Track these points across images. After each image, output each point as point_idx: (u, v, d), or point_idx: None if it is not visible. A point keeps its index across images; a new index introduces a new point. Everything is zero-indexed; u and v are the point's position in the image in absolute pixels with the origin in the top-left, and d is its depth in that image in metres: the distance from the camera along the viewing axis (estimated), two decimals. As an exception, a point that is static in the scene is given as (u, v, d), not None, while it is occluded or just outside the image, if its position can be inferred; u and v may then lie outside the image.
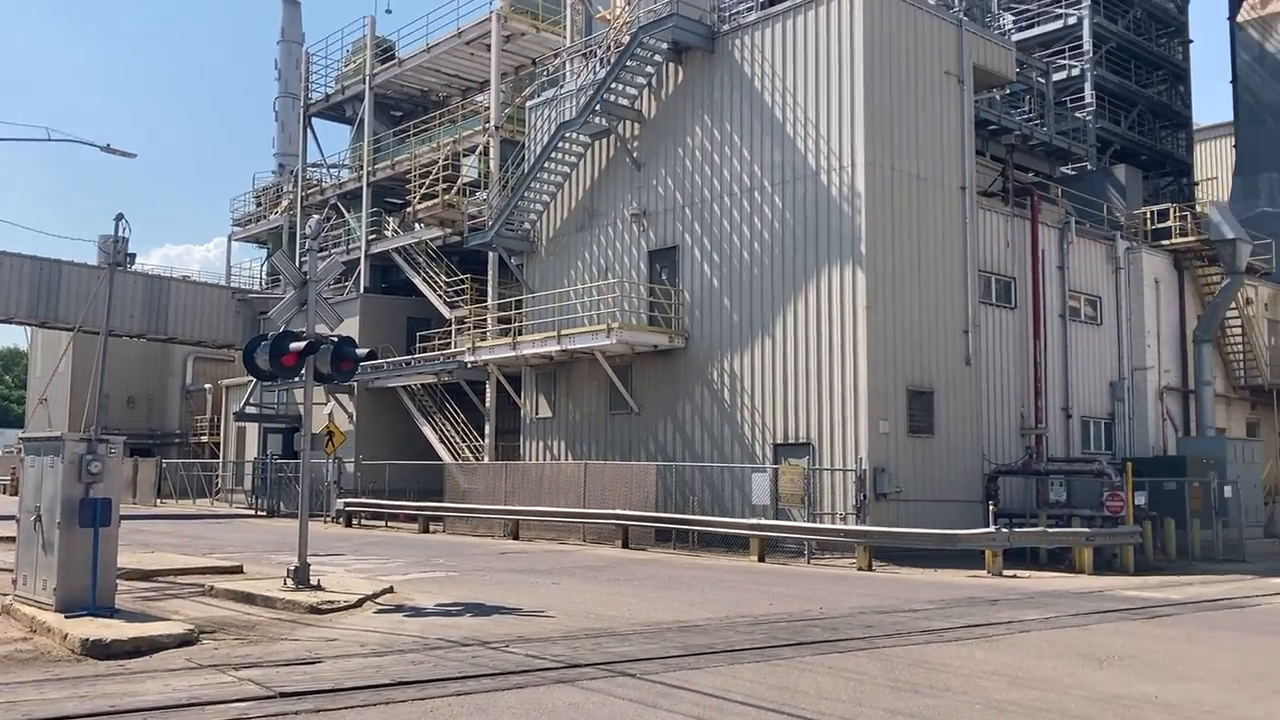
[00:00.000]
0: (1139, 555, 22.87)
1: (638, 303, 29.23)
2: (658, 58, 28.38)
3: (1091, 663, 10.60)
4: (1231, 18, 42.97)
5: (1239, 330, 34.05)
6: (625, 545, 25.53)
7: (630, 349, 28.16)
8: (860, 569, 21.07)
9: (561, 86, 33.34)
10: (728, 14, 28.11)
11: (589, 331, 28.09)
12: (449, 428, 36.27)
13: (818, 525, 22.76)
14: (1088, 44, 39.47)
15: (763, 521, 23.05)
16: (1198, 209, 35.11)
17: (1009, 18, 41.53)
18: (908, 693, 9.00)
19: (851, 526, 22.19)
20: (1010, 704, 8.64)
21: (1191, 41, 46.00)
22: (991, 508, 22.09)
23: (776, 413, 25.58)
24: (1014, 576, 19.98)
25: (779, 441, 25.39)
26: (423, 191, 37.52)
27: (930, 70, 26.06)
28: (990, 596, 16.40)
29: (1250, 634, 12.98)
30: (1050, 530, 22.04)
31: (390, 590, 15.26)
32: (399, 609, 13.79)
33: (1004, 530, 20.58)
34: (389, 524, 33.97)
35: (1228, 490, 26.53)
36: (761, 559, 22.64)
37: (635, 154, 29.64)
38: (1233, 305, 33.03)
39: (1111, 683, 9.61)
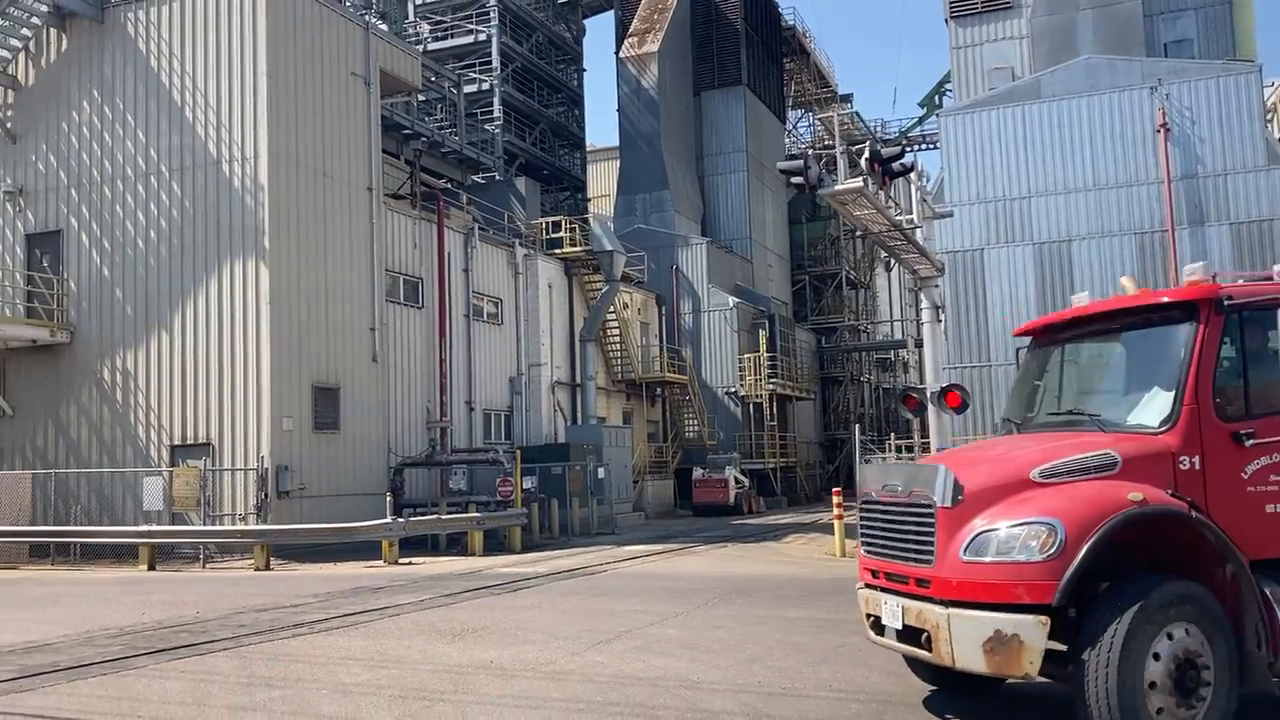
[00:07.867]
0: (526, 535, 25.09)
1: (12, 292, 26.16)
2: (36, 20, 25.56)
3: (447, 637, 11.53)
4: (617, 53, 48.55)
5: (617, 331, 38.61)
6: (-10, 564, 22.74)
7: (2, 344, 25.08)
8: (258, 569, 20.78)
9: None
10: (121, -17, 26.10)
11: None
12: None
13: (213, 528, 22.04)
14: (496, 61, 42.35)
15: (151, 528, 21.81)
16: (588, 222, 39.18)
17: (426, 26, 43.28)
18: (259, 687, 9.15)
19: (248, 526, 21.80)
20: (358, 685, 9.14)
21: (585, 70, 51.28)
22: (390, 499, 22.94)
23: (174, 412, 24.38)
24: (409, 564, 20.96)
25: (177, 443, 24.22)
26: None
27: (337, 69, 26.31)
28: (378, 585, 17.06)
29: (590, 598, 14.88)
30: (444, 517, 23.38)
31: None
32: None
33: (399, 520, 21.46)
34: None
35: (601, 472, 30.04)
36: (152, 567, 21.41)
37: (9, 125, 26.42)
38: (611, 309, 37.37)
39: (458, 654, 10.53)
